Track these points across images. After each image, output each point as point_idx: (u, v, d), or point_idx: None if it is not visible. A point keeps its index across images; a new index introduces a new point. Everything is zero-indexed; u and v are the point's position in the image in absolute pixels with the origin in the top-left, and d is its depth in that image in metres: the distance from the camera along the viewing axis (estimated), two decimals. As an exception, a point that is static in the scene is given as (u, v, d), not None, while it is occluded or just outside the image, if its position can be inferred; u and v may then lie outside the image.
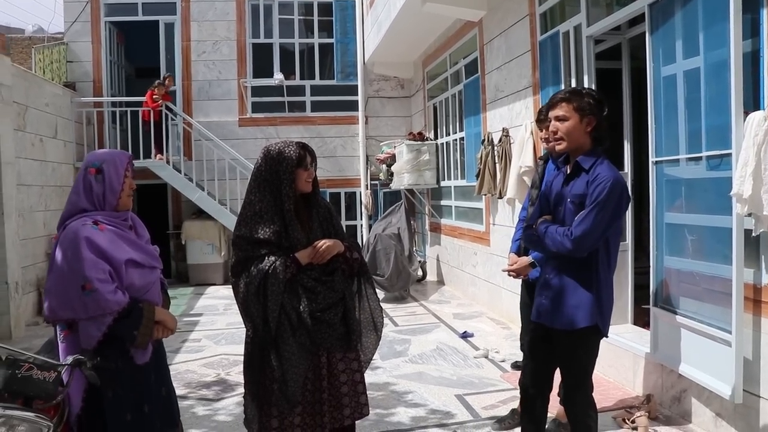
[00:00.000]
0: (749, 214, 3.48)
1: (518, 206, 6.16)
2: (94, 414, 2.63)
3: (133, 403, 2.72)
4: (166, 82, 11.08)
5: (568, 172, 3.18)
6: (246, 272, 3.00)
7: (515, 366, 5.54)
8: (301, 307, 2.98)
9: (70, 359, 2.47)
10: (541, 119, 3.57)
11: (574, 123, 3.08)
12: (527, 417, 3.48)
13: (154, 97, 10.73)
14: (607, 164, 3.08)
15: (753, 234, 3.53)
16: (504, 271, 3.81)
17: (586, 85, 5.43)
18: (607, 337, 3.22)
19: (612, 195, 2.96)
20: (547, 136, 3.28)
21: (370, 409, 3.22)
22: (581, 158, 3.10)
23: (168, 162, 10.93)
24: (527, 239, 3.39)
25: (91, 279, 2.56)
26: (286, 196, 3.00)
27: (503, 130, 7.23)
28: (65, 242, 2.63)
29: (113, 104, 11.85)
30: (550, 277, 3.23)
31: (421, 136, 10.84)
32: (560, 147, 3.16)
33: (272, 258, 2.97)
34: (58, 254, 2.64)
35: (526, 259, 3.78)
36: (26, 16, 41.09)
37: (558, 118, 3.13)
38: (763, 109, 3.45)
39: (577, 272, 3.11)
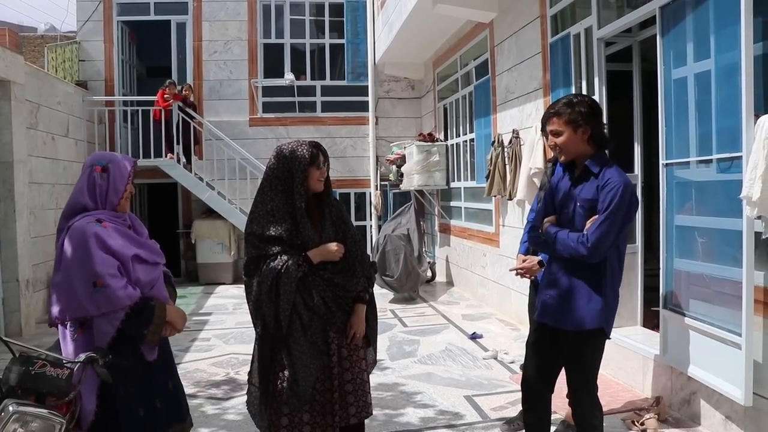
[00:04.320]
0: (759, 217, 3.47)
1: (528, 207, 6.16)
2: (107, 411, 2.65)
3: (145, 399, 2.75)
4: (185, 91, 11.18)
5: (576, 175, 3.21)
6: (259, 271, 3.02)
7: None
8: (315, 300, 3.02)
9: (82, 356, 2.50)
10: (543, 130, 3.62)
11: (569, 135, 3.15)
12: (531, 417, 3.46)
13: (165, 96, 10.81)
14: (616, 168, 3.12)
15: (763, 236, 3.52)
16: (511, 270, 3.80)
17: (596, 88, 5.45)
18: (610, 338, 3.28)
19: (623, 200, 3.01)
20: (551, 143, 3.35)
21: (379, 409, 3.26)
22: (589, 162, 3.15)
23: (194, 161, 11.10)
24: (533, 241, 3.43)
25: (102, 275, 2.58)
26: (298, 194, 3.03)
27: (513, 131, 7.23)
28: (73, 241, 2.65)
29: (125, 103, 11.94)
30: (556, 276, 3.24)
31: (431, 137, 10.83)
32: (562, 159, 3.24)
33: (284, 257, 2.99)
34: (66, 253, 2.65)
35: (534, 259, 3.79)
36: (39, 15, 41.34)
37: (552, 133, 3.20)
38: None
39: (586, 275, 3.13)
